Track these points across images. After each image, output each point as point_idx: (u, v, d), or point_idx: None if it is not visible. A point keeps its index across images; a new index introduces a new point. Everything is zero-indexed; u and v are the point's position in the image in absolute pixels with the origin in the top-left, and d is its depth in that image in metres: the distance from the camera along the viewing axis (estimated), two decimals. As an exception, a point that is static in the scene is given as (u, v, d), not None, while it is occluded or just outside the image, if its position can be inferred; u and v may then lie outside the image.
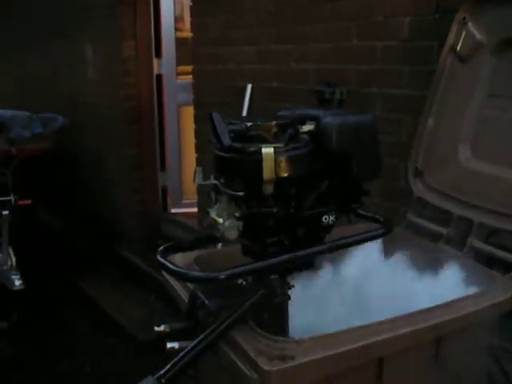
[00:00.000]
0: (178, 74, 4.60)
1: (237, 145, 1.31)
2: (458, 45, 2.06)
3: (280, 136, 1.34)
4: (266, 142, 1.31)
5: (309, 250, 1.39)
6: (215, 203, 1.37)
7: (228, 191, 1.33)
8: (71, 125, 4.73)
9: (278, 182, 1.31)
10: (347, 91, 1.49)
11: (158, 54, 4.57)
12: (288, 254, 1.35)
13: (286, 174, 1.31)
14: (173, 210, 4.68)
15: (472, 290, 1.58)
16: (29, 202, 4.13)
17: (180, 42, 4.59)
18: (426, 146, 2.14)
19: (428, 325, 1.41)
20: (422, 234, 2.02)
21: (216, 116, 1.30)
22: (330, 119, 1.39)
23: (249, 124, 1.32)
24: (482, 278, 1.66)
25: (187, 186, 4.55)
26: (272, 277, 1.37)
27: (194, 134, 3.90)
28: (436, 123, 2.12)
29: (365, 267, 1.77)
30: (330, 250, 1.41)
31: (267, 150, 1.29)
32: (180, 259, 1.72)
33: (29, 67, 6.10)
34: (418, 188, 2.15)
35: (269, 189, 1.31)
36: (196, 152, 3.87)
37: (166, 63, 4.56)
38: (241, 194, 1.32)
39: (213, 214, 1.35)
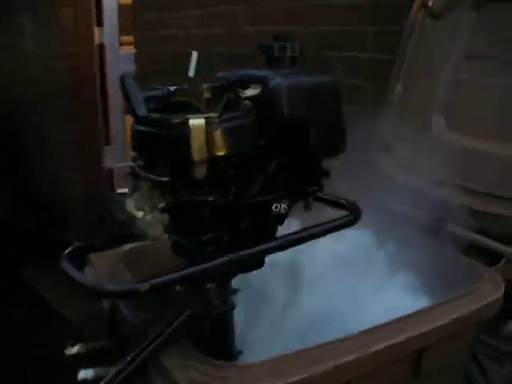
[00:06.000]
0: (121, 43, 4.25)
1: (155, 116, 1.00)
2: (429, -1, 1.78)
3: (214, 103, 1.03)
4: (196, 111, 1.01)
5: (254, 249, 1.09)
6: (134, 191, 1.06)
7: (149, 176, 1.02)
8: (9, 100, 4.37)
9: (213, 162, 1.01)
10: (301, 48, 1.19)
11: (100, 23, 4.20)
12: (228, 256, 1.05)
13: (222, 153, 1.01)
14: (119, 190, 4.34)
15: (455, 289, 1.31)
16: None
17: (123, 10, 4.22)
18: (395, 116, 1.86)
19: (405, 338, 1.13)
20: (392, 218, 1.74)
21: (128, 79, 0.99)
22: (279, 81, 1.09)
23: (173, 88, 1.01)
24: (465, 272, 1.39)
25: (134, 164, 4.22)
26: (209, 286, 1.07)
27: (138, 108, 3.56)
28: (405, 90, 1.84)
29: (326, 261, 1.49)
30: (282, 248, 1.12)
31: (196, 122, 0.98)
32: (103, 258, 1.42)
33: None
34: (386, 165, 1.87)
35: (201, 172, 1.01)
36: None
37: (107, 32, 4.20)
38: (165, 179, 1.01)
39: (130, 206, 1.05)
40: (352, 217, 1.22)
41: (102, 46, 4.21)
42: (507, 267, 1.45)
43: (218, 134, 1.00)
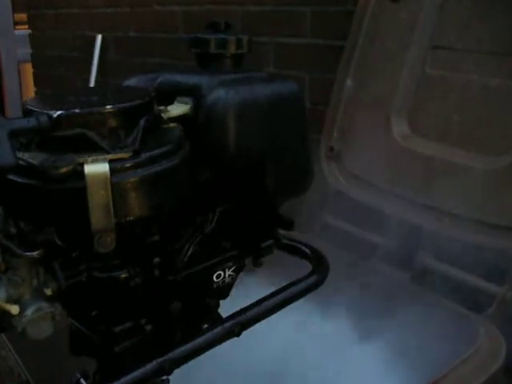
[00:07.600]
0: (17, 23, 3.73)
1: (30, 160, 0.63)
2: (386, -26, 1.46)
3: (123, 134, 0.67)
4: (95, 149, 0.64)
5: (190, 345, 0.74)
6: (4, 273, 0.69)
7: (23, 254, 0.65)
8: None
9: (125, 227, 0.65)
10: (250, 41, 0.85)
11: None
12: (154, 361, 0.70)
13: (138, 215, 0.65)
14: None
15: (445, 354, 1.00)
16: None
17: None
18: (344, 117, 1.55)
19: None
20: (345, 244, 1.43)
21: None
22: (222, 93, 0.74)
23: (56, 114, 0.64)
24: (452, 326, 1.09)
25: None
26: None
27: (36, 99, 3.11)
28: (357, 85, 1.53)
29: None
30: (228, 336, 0.77)
31: (96, 168, 0.62)
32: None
33: None
34: (334, 176, 1.56)
35: (106, 244, 0.65)
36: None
37: (-1, 9, 3.69)
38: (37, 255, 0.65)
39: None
40: (316, 277, 0.89)
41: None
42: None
43: (131, 186, 0.64)
